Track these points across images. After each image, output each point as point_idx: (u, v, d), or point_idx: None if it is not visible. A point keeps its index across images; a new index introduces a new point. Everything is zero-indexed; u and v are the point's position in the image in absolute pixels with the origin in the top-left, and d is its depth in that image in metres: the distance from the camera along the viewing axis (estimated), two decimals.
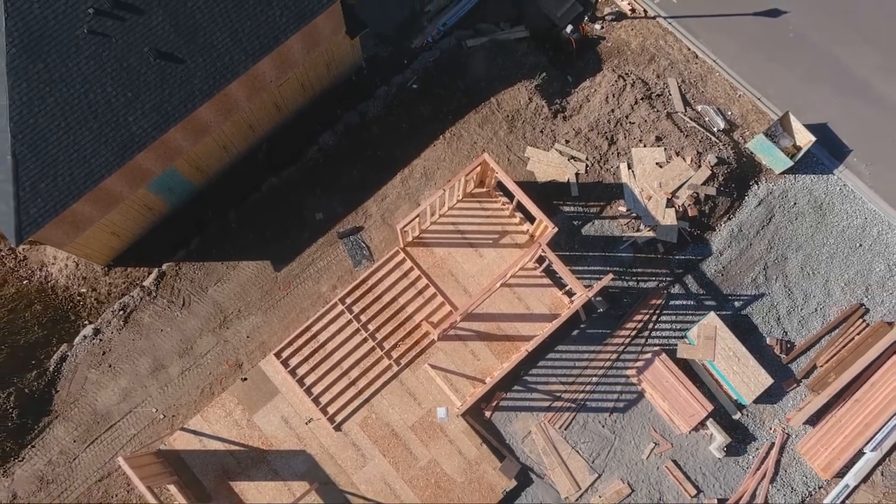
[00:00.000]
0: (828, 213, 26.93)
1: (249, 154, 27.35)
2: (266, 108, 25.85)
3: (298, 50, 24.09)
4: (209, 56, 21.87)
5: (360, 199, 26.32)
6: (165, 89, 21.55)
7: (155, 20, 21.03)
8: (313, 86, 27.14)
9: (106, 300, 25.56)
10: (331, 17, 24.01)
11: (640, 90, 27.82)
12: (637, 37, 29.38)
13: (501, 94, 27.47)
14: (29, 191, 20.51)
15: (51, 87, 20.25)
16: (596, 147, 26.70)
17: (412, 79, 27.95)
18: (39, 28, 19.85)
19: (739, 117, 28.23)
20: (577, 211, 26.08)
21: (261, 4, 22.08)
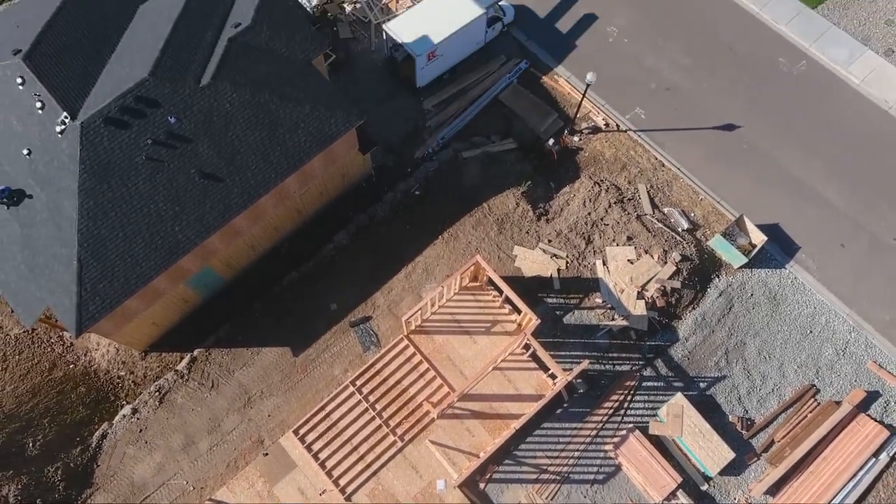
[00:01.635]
0: (781, 303, 30.54)
1: (273, 251, 31.14)
2: (289, 213, 29.83)
3: (319, 166, 28.26)
4: (244, 175, 25.92)
5: (370, 292, 29.95)
6: (207, 203, 25.48)
7: (201, 147, 25.18)
8: (329, 193, 31.24)
9: (143, 382, 28.80)
10: (347, 139, 28.29)
11: (614, 195, 31.92)
12: (611, 148, 33.72)
13: (492, 200, 31.54)
14: (90, 290, 24.12)
15: (113, 204, 24.17)
16: (575, 246, 30.56)
17: (415, 186, 32.08)
18: (107, 156, 23.93)
19: (701, 218, 32.22)
20: (559, 302, 29.67)
21: (289, 132, 26.31)
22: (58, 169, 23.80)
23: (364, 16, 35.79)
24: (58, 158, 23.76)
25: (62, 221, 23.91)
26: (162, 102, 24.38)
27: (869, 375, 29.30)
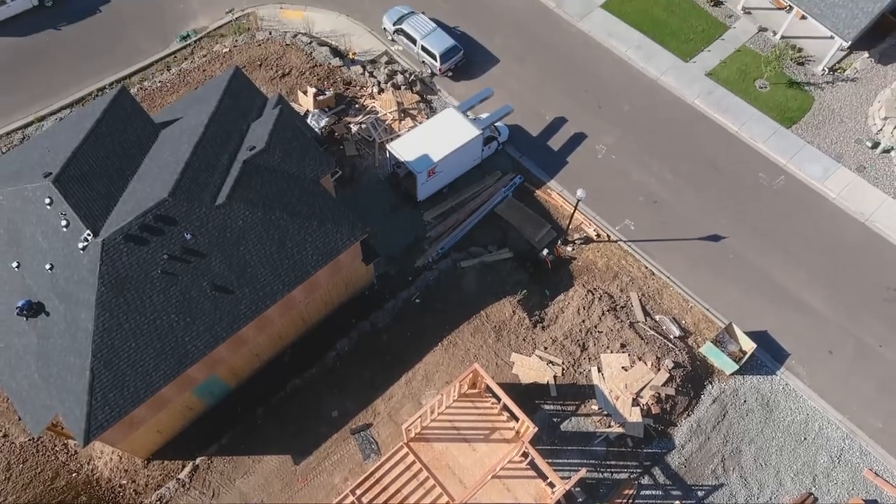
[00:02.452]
0: (774, 410, 31.15)
1: (277, 358, 32.01)
2: (294, 321, 30.95)
3: (324, 277, 29.63)
4: (254, 287, 27.21)
5: (371, 398, 30.62)
6: (217, 314, 26.63)
7: (214, 261, 26.61)
8: (333, 301, 32.48)
9: (144, 491, 28.96)
10: (351, 251, 29.81)
11: (607, 303, 33.17)
12: (602, 257, 35.28)
13: (490, 308, 32.75)
14: (100, 399, 24.85)
15: (127, 316, 25.30)
16: (570, 353, 31.51)
17: (416, 294, 33.37)
18: (125, 270, 25.29)
19: (692, 325, 33.33)
20: (556, 409, 30.30)
21: (298, 246, 27.84)
22: (77, 283, 25.11)
23: (369, 135, 38.28)
24: (78, 273, 25.11)
25: (78, 333, 24.97)
26: (179, 220, 26.01)
27: (866, 483, 29.53)
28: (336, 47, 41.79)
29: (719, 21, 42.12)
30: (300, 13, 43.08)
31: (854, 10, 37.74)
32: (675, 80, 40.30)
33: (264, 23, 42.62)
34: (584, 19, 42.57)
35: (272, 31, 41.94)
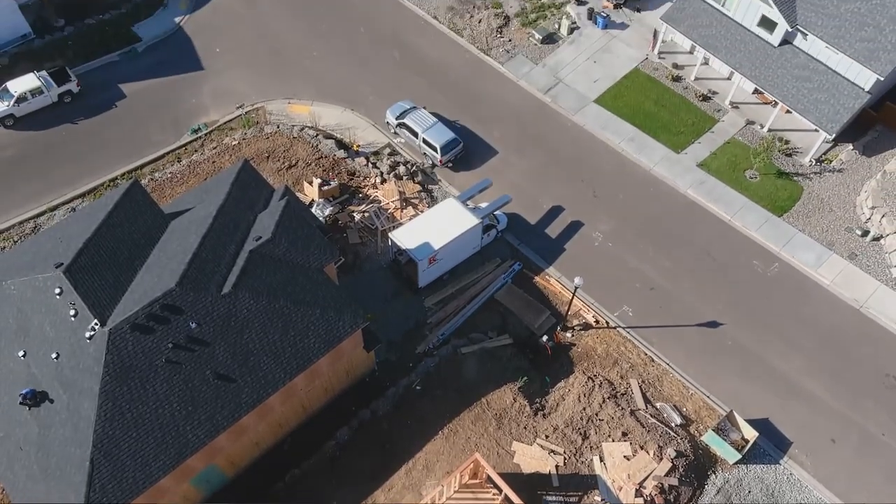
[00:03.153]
0: (780, 501, 30.68)
1: (276, 447, 31.79)
2: (294, 409, 30.97)
3: (326, 364, 29.88)
4: (256, 375, 27.44)
5: (370, 489, 30.24)
6: (218, 403, 26.74)
7: (217, 350, 26.97)
8: (334, 388, 32.58)
9: None
10: (353, 338, 30.19)
11: (607, 390, 33.24)
12: (602, 343, 35.58)
13: (491, 395, 32.81)
14: (98, 491, 24.63)
15: (130, 406, 25.43)
16: (572, 441, 31.34)
17: (416, 381, 33.49)
18: (130, 360, 25.62)
19: (693, 413, 33.27)
20: (558, 500, 29.88)
21: (300, 335, 28.25)
22: (82, 371, 25.39)
23: (372, 224, 39.34)
24: (83, 362, 25.43)
25: (79, 422, 25.03)
26: (185, 309, 26.54)
27: None
28: (341, 140, 43.50)
29: (708, 115, 43.99)
30: (307, 108, 45.05)
31: (836, 105, 39.53)
32: (667, 171, 41.73)
33: (273, 116, 44.52)
34: (579, 113, 44.47)
35: (280, 124, 43.76)
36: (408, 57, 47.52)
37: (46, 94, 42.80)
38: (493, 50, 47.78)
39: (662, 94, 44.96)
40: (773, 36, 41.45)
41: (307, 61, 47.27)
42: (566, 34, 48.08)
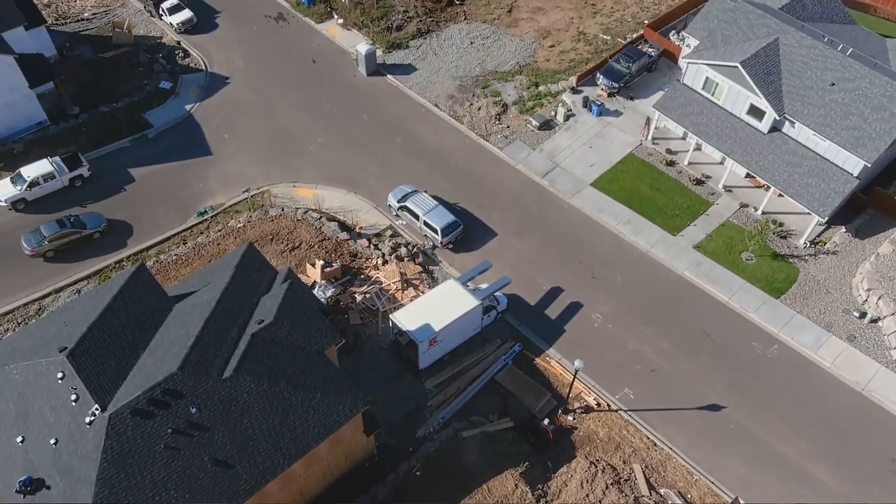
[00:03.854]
0: None
1: None
2: (292, 495, 30.44)
3: (325, 449, 29.62)
4: (254, 461, 27.19)
5: None
6: (216, 490, 26.38)
7: (216, 435, 26.82)
8: (333, 473, 32.12)
9: None
10: (353, 422, 30.03)
11: (610, 475, 32.75)
12: (604, 427, 35.27)
13: (492, 482, 32.31)
14: None
15: (126, 493, 25.10)
16: None
17: (416, 466, 33.05)
18: (129, 445, 25.47)
19: (698, 499, 32.66)
20: None
21: (300, 419, 28.15)
22: (80, 458, 25.20)
23: (373, 304, 39.72)
24: (82, 448, 25.28)
25: None
26: (186, 394, 26.57)
27: None
28: (344, 222, 44.44)
29: (702, 198, 45.06)
30: (311, 191, 46.22)
31: (826, 189, 40.61)
32: (664, 253, 42.42)
33: (278, 200, 45.62)
34: (576, 196, 45.58)
35: (285, 207, 44.80)
36: (410, 142, 49.10)
37: (58, 178, 44.03)
38: (492, 136, 49.39)
39: (657, 178, 46.22)
40: (762, 124, 43.01)
41: (312, 146, 48.82)
42: (562, 121, 49.80)
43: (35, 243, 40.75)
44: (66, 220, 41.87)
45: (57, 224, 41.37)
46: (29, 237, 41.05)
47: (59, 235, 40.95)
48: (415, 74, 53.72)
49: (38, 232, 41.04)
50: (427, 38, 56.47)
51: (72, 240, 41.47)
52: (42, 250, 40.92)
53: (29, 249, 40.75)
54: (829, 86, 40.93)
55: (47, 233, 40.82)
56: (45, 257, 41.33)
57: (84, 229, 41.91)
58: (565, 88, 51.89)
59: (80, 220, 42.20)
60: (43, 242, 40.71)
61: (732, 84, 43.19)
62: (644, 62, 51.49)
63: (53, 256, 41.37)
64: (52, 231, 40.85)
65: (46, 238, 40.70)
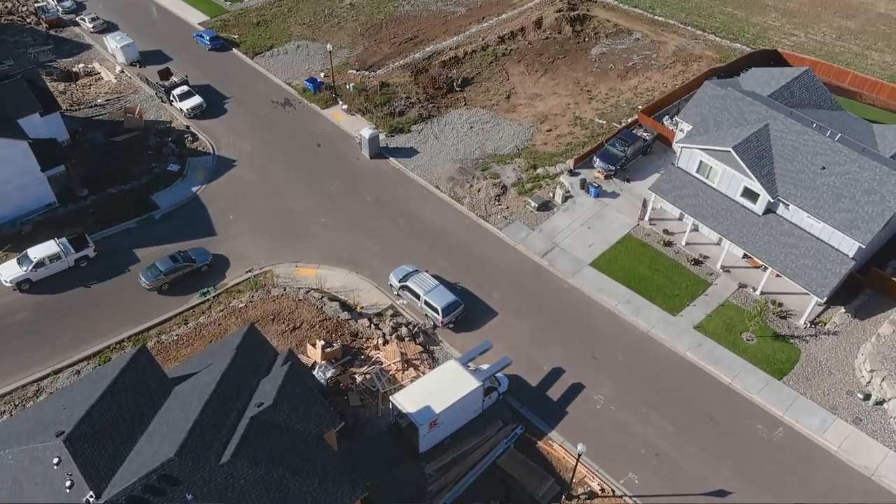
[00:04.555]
0: None
1: None
2: None
3: None
4: None
5: None
6: None
7: None
8: None
9: None
10: None
11: None
12: None
13: None
14: None
15: None
16: None
17: None
18: None
19: None
20: None
21: None
22: None
23: (373, 385, 39.47)
24: None
25: None
26: (182, 480, 26.13)
27: None
28: (345, 301, 44.68)
29: (701, 278, 45.44)
30: (314, 271, 46.71)
31: (823, 270, 41.02)
32: (665, 333, 42.45)
33: (280, 279, 46.03)
34: (576, 276, 46.00)
35: (287, 287, 45.16)
36: (411, 223, 49.95)
37: (64, 259, 44.63)
38: (491, 216, 50.29)
39: (655, 258, 46.77)
40: (756, 206, 43.90)
41: (315, 227, 49.65)
42: (560, 202, 50.80)
43: (153, 277, 44.37)
44: (177, 255, 45.59)
45: (171, 260, 45.09)
46: (147, 272, 44.68)
47: (173, 269, 44.67)
48: (416, 157, 55.21)
49: (154, 268, 44.74)
50: (428, 123, 58.35)
51: (184, 273, 45.05)
52: (159, 284, 44.40)
53: (147, 283, 44.32)
54: (820, 169, 42.02)
55: (163, 268, 44.57)
56: (161, 290, 44.68)
57: (194, 263, 45.48)
58: (563, 171, 53.20)
59: (189, 256, 45.88)
60: (160, 276, 44.31)
61: (726, 167, 44.33)
62: (639, 146, 53.04)
63: (167, 289, 44.77)
64: (167, 266, 44.66)
65: (163, 272, 44.31)
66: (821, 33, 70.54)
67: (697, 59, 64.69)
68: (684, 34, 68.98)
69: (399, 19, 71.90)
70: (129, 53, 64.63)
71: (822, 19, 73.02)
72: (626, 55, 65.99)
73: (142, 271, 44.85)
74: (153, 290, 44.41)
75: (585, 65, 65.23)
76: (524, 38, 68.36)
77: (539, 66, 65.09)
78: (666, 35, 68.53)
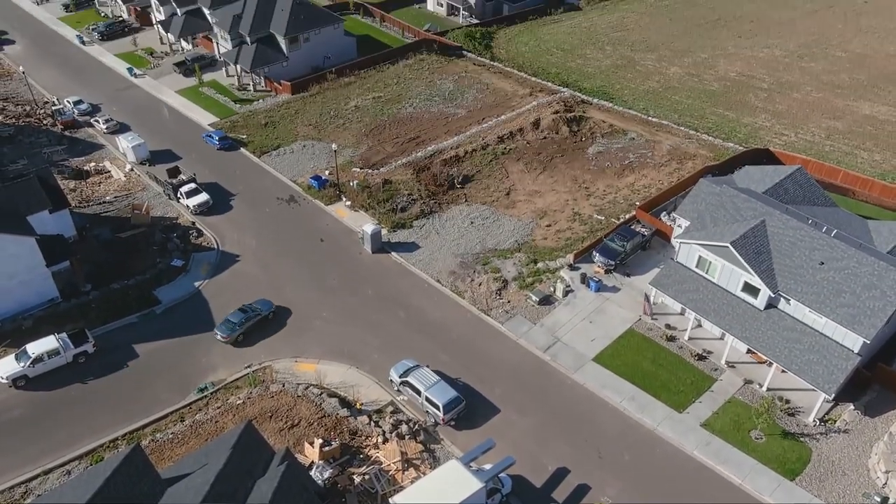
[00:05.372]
0: None
1: None
2: None
3: None
4: None
5: None
6: None
7: None
8: None
9: None
10: None
11: None
12: None
13: None
14: None
15: None
16: None
17: None
18: None
19: None
20: None
21: None
22: None
23: (372, 487, 38.18)
24: None
25: None
26: None
27: None
28: (345, 398, 43.94)
29: (706, 374, 44.84)
30: (313, 366, 46.25)
31: (829, 366, 40.54)
32: (671, 431, 41.47)
33: (279, 375, 45.49)
34: (578, 371, 45.44)
35: (286, 383, 44.56)
36: (412, 317, 49.89)
37: (62, 355, 44.36)
38: (493, 311, 50.27)
39: (658, 353, 46.35)
40: (757, 300, 43.94)
41: (317, 321, 49.57)
42: (561, 296, 50.92)
43: (229, 331, 47.48)
44: (247, 307, 49.00)
45: (241, 312, 48.51)
46: (222, 327, 47.75)
47: (245, 320, 47.97)
48: (418, 252, 55.84)
49: (228, 322, 47.97)
50: (430, 219, 59.38)
51: (254, 323, 48.37)
52: (234, 336, 47.37)
53: (224, 337, 47.26)
54: (818, 265, 42.34)
55: (237, 320, 48.01)
56: (237, 342, 47.48)
57: (261, 312, 48.91)
58: (563, 265, 53.61)
59: (255, 307, 49.18)
60: (235, 328, 47.55)
61: (725, 262, 44.70)
62: (638, 241, 53.71)
63: (242, 340, 47.74)
64: (239, 318, 48.09)
65: (237, 324, 47.70)
66: (810, 133, 72.91)
67: (692, 158, 66.53)
68: (678, 134, 71.30)
69: (402, 120, 74.54)
70: (139, 153, 66.68)
71: (810, 120, 75.65)
72: (622, 154, 67.95)
73: (217, 327, 47.86)
74: (229, 342, 47.36)
75: (583, 163, 67.04)
76: (523, 138, 70.62)
77: (538, 164, 66.91)
78: (660, 135, 70.81)
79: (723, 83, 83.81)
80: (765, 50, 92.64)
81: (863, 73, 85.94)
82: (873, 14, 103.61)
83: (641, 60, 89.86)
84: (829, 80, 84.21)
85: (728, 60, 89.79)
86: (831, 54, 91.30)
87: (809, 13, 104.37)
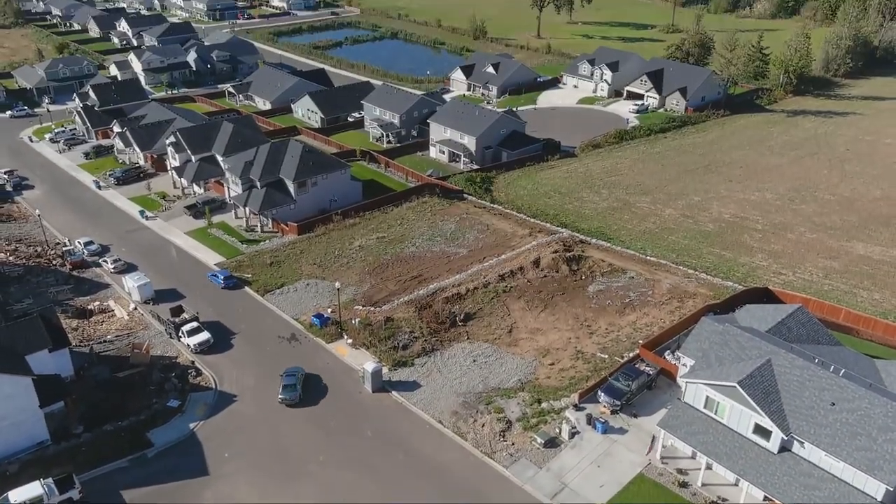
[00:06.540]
0: None
1: None
2: None
3: None
4: None
5: None
6: None
7: None
8: None
9: None
10: None
11: None
12: None
13: None
14: None
15: None
16: None
17: None
18: None
19: None
20: None
21: None
22: None
23: None
24: None
25: None
26: None
27: None
28: None
29: None
30: None
31: None
32: None
33: None
34: None
35: None
36: (412, 460, 48.01)
37: (47, 502, 42.25)
38: (496, 453, 48.43)
39: (671, 501, 44.05)
40: (770, 443, 42.44)
41: (313, 465, 47.64)
42: (567, 438, 49.26)
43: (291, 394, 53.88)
44: (291, 370, 56.08)
45: (290, 376, 55.02)
46: (285, 392, 53.72)
47: (297, 381, 54.72)
48: (419, 391, 54.75)
49: (293, 387, 54.14)
50: (431, 357, 58.77)
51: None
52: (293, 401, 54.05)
53: (289, 398, 53.75)
54: (829, 405, 41.30)
55: (290, 382, 54.50)
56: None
57: (304, 372, 56.37)
58: (568, 405, 52.33)
59: (299, 368, 56.20)
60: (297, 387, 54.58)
61: (734, 403, 43.64)
62: (643, 380, 52.80)
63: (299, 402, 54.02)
64: (292, 381, 54.84)
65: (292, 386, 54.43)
66: (808, 272, 73.83)
67: (692, 296, 66.91)
68: (677, 273, 72.18)
69: (404, 259, 75.84)
70: (144, 292, 67.30)
71: (806, 260, 76.88)
72: (622, 292, 68.42)
73: (280, 392, 53.55)
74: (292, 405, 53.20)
75: (584, 301, 67.35)
76: (523, 276, 71.45)
77: (539, 302, 67.22)
78: (659, 273, 71.67)
79: (718, 224, 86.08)
80: (756, 193, 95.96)
81: (853, 216, 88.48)
82: (856, 161, 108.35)
83: (637, 203, 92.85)
84: (821, 222, 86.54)
85: (721, 203, 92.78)
86: (820, 197, 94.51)
87: (795, 160, 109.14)
